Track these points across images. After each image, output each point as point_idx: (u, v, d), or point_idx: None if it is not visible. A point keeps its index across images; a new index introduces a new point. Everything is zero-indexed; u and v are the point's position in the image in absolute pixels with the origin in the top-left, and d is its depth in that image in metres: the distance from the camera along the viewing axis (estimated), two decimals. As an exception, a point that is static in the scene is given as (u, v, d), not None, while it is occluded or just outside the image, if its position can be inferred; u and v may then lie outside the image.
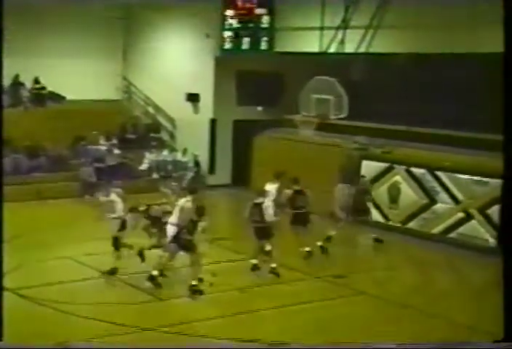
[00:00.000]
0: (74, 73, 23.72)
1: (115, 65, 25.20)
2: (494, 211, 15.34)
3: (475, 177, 16.01)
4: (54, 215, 16.60)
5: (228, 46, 21.85)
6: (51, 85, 23.74)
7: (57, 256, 14.33)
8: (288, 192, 14.54)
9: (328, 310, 11.67)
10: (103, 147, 22.24)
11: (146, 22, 24.51)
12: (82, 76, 23.84)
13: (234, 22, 21.65)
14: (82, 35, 24.04)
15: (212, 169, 23.04)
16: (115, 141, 22.75)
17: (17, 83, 23.60)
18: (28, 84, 23.74)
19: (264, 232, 13.20)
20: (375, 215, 17.97)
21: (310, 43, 19.95)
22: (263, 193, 13.72)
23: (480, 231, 15.85)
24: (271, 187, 14.80)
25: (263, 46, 21.47)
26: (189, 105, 23.26)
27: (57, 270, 13.60)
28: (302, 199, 14.47)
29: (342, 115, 20.16)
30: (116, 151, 22.07)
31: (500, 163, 15.57)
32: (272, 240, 13.35)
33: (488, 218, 15.66)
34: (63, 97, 24.07)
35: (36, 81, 23.76)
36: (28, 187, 19.82)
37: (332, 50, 19.32)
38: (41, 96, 23.66)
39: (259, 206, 13.28)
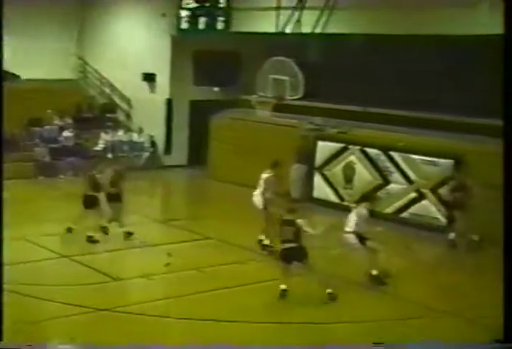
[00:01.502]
0: (29, 52, 23.36)
1: (70, 45, 24.88)
2: (446, 190, 15.61)
3: (427, 158, 16.26)
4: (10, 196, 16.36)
5: (184, 25, 21.73)
6: (5, 64, 23.30)
7: (12, 236, 14.17)
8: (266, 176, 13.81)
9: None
10: (58, 128, 22.01)
11: (102, 1, 24.22)
12: (37, 56, 23.51)
13: (191, 2, 21.52)
14: (37, 15, 23.66)
15: (168, 149, 22.99)
16: (70, 121, 22.52)
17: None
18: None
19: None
20: (331, 195, 18.17)
21: (267, 24, 19.95)
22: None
23: (432, 211, 16.14)
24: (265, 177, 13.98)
25: (220, 26, 21.40)
26: (145, 84, 23.11)
27: (12, 250, 13.43)
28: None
29: (298, 96, 20.30)
30: (71, 132, 21.85)
31: (451, 144, 16.06)
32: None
33: (439, 198, 15.95)
34: (17, 76, 23.71)
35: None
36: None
37: (288, 30, 19.35)
38: (-4, 75, 23.27)
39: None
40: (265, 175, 13.90)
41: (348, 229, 11.93)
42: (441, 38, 16.66)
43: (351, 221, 11.89)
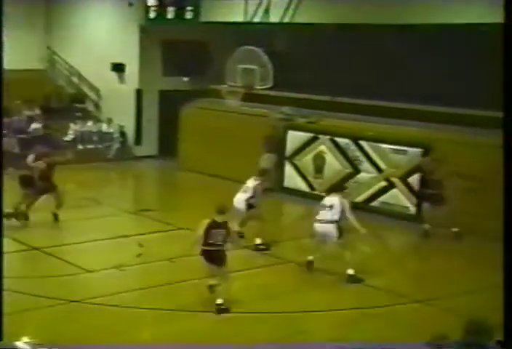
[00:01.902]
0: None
1: (38, 34, 24.61)
2: (415, 179, 15.77)
3: (396, 147, 16.40)
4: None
5: (152, 15, 21.62)
6: (-30, 54, 23.05)
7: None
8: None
9: (254, 279, 11.88)
10: (26, 118, 21.81)
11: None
12: (4, 45, 23.18)
13: (159, -9, 21.40)
14: (3, 4, 23.32)
15: (138, 139, 22.90)
16: (38, 111, 22.32)
17: None
18: None
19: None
20: (301, 185, 18.27)
21: (236, 13, 19.92)
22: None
23: (401, 199, 16.30)
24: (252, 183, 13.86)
25: (188, 15, 21.30)
26: (114, 74, 22.96)
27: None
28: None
29: (267, 86, 20.34)
30: (40, 122, 21.66)
31: (420, 133, 16.23)
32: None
33: (409, 186, 16.11)
34: (-16, 66, 23.43)
35: (-45, 49, 23.04)
36: None
37: (257, 20, 19.34)
38: (-40, 65, 22.97)
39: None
40: (253, 183, 13.75)
41: (327, 218, 11.79)
42: (408, 25, 16.76)
43: (334, 210, 11.74)
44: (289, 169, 18.56)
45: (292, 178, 18.52)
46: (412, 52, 17.37)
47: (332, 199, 11.98)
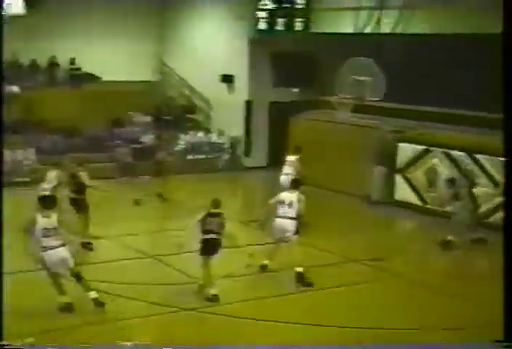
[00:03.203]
0: (110, 54, 23.82)
1: (151, 46, 25.22)
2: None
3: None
4: (90, 196, 16.70)
5: (262, 27, 21.73)
6: (87, 66, 23.87)
7: (96, 236, 14.45)
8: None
9: (364, 294, 11.66)
10: (139, 129, 22.34)
11: (182, 3, 24.46)
12: (118, 57, 23.93)
13: (269, 3, 21.49)
14: (119, 17, 24.08)
15: (247, 151, 23.02)
16: (151, 122, 22.83)
17: (53, 64, 23.77)
18: (65, 65, 23.92)
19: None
20: (413, 198, 17.85)
21: (346, 24, 19.77)
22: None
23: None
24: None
25: (298, 26, 21.30)
26: (224, 86, 23.22)
27: (97, 249, 13.72)
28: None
29: (378, 97, 20.00)
30: (152, 133, 22.12)
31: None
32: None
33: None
34: (99, 78, 24.19)
35: (72, 62, 23.89)
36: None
37: (367, 31, 19.12)
38: (77, 77, 23.80)
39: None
40: (291, 158, 16.14)
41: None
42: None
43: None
44: (400, 182, 18.19)
45: (403, 191, 18.13)
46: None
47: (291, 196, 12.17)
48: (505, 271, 6.95)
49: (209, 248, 10.90)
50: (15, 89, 22.42)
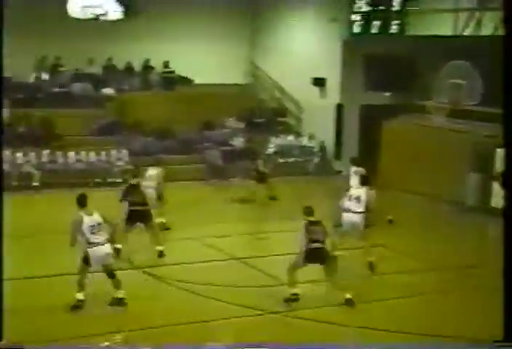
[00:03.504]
0: (203, 57, 23.99)
1: (243, 49, 25.29)
2: None
3: None
4: (181, 197, 16.84)
5: (356, 29, 21.37)
6: (180, 69, 24.13)
7: (184, 237, 14.50)
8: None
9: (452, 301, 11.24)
10: (230, 131, 22.38)
11: (274, 6, 24.42)
12: (210, 60, 24.08)
13: (364, 5, 21.13)
14: (211, 20, 24.24)
15: (338, 154, 22.72)
16: (241, 125, 22.85)
17: (147, 67, 24.15)
18: (158, 68, 24.26)
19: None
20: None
21: (444, 26, 19.21)
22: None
23: None
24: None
25: (394, 29, 20.84)
26: (316, 89, 23.00)
27: (185, 250, 13.76)
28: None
29: (475, 102, 19.35)
30: (242, 136, 22.13)
31: None
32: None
33: None
34: (191, 81, 24.41)
35: (166, 65, 24.20)
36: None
37: (467, 33, 18.52)
38: (170, 79, 24.09)
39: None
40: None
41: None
42: None
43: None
44: (497, 188, 17.49)
45: (500, 198, 17.41)
46: None
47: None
48: (505, 271, 6.97)
49: (316, 257, 10.68)
50: (110, 91, 22.87)
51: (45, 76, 22.40)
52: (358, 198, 12.69)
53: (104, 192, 18.65)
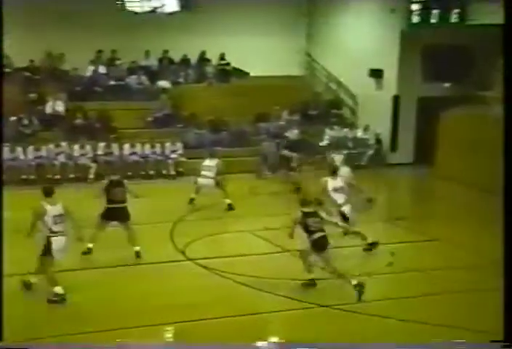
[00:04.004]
0: (258, 50, 23.89)
1: (298, 41, 25.09)
2: None
3: None
4: (234, 189, 16.80)
5: (415, 19, 20.94)
6: (235, 61, 24.08)
7: (237, 229, 14.47)
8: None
9: None
10: (284, 123, 22.25)
11: (331, -3, 24.19)
12: (265, 53, 23.96)
13: (423, -5, 20.69)
14: (267, 12, 24.12)
15: (393, 146, 22.38)
16: (296, 117, 22.69)
17: (203, 60, 24.17)
18: (214, 61, 24.27)
19: None
20: None
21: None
22: None
23: None
24: None
25: (454, 18, 20.31)
26: (372, 81, 22.67)
27: (237, 243, 13.72)
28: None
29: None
30: (297, 127, 21.97)
31: None
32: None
33: None
34: (247, 73, 24.35)
35: (222, 57, 24.19)
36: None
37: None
38: (226, 72, 24.08)
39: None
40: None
41: None
42: None
43: None
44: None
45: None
46: None
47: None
48: (505, 271, 6.81)
49: (320, 245, 10.78)
50: (166, 84, 22.97)
51: (102, 69, 22.62)
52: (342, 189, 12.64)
53: (157, 184, 18.83)
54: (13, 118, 19.94)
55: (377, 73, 22.47)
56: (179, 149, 20.61)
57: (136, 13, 23.04)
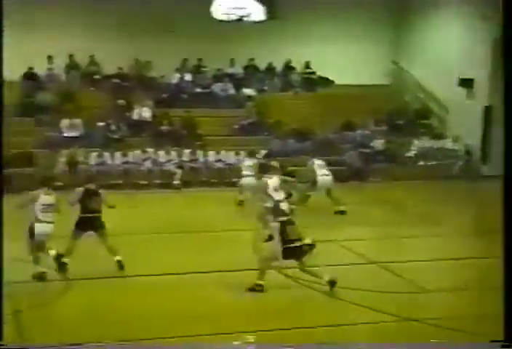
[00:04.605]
0: (343, 58, 23.72)
1: (384, 49, 24.74)
2: None
3: None
4: (317, 198, 16.59)
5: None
6: (320, 70, 23.91)
7: (320, 239, 14.21)
8: None
9: None
10: (370, 133, 21.92)
11: (418, 4, 23.72)
12: (351, 61, 23.77)
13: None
14: (351, 20, 23.90)
15: (484, 158, 21.69)
16: (382, 126, 22.32)
17: (288, 68, 24.10)
18: (299, 69, 24.17)
19: None
20: None
21: None
22: None
23: None
24: None
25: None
26: (462, 90, 22.09)
27: (323, 253, 13.46)
28: None
29: None
30: (383, 137, 21.60)
31: None
32: None
33: None
34: (332, 82, 24.14)
35: (307, 65, 24.07)
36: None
37: None
38: (311, 80, 23.94)
39: None
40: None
41: None
42: None
43: None
44: None
45: None
46: None
47: None
48: (505, 271, 6.80)
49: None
50: (251, 92, 22.99)
51: (188, 77, 22.82)
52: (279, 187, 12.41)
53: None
54: (101, 124, 20.31)
55: (467, 83, 21.90)
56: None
57: (222, 21, 23.19)
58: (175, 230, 14.07)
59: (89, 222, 11.48)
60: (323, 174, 15.91)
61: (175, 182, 19.18)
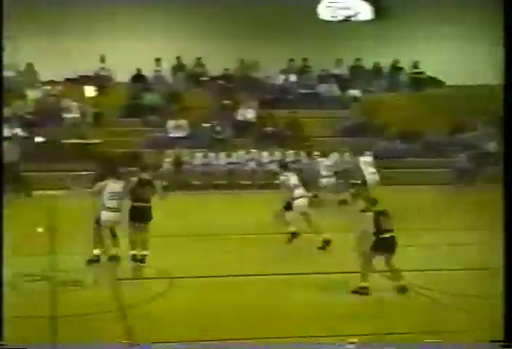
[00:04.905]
0: (454, 58, 22.99)
1: (496, 48, 23.77)
2: None
3: None
4: (422, 201, 16.08)
5: None
6: (430, 70, 23.30)
7: (423, 243, 13.78)
8: None
9: None
10: (480, 135, 21.14)
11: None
12: (462, 61, 23.00)
13: None
14: (463, 18, 23.17)
15: None
16: (493, 128, 21.46)
17: (395, 68, 23.61)
18: (407, 69, 23.65)
19: None
20: None
21: None
22: None
23: None
24: None
25: None
26: None
27: (423, 257, 13.05)
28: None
29: None
30: (494, 138, 20.76)
31: None
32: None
33: None
34: (442, 82, 23.46)
35: (415, 65, 23.51)
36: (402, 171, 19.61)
37: None
38: (419, 81, 23.35)
39: None
40: None
41: None
42: None
43: None
44: None
45: None
46: None
47: None
48: (505, 271, 6.76)
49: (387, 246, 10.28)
50: (357, 93, 22.65)
51: (293, 78, 22.72)
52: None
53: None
54: (206, 125, 20.48)
55: None
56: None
57: (328, 21, 23.00)
58: (276, 230, 13.95)
59: (139, 211, 11.33)
60: (371, 172, 15.25)
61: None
